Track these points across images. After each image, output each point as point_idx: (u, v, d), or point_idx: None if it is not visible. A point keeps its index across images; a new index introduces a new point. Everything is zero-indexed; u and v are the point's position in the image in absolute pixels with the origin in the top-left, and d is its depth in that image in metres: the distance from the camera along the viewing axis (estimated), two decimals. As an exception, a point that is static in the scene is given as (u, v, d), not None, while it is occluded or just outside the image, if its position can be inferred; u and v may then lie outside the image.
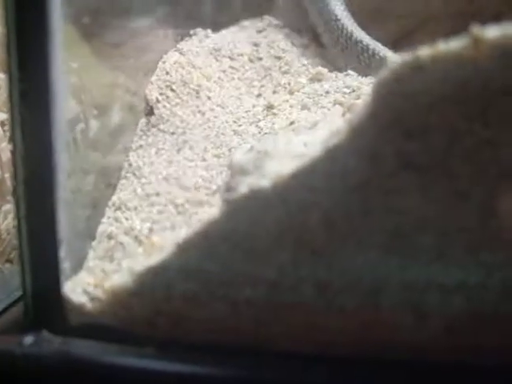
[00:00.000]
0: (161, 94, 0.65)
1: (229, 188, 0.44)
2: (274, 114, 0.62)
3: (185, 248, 0.43)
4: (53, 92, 0.45)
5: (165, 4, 0.79)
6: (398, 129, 0.40)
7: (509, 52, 0.39)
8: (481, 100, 0.40)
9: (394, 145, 0.40)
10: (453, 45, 0.40)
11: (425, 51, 0.40)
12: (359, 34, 0.70)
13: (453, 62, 0.40)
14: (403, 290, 0.42)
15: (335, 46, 0.74)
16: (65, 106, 0.48)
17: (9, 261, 0.62)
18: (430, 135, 0.40)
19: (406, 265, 0.42)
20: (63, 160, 0.47)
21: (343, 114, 0.55)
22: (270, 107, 0.64)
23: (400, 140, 0.40)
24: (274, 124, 0.60)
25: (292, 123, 0.58)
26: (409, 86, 0.40)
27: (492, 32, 0.39)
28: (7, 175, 0.62)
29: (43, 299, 0.47)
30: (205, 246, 0.43)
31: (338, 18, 0.73)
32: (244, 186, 0.42)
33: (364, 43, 0.68)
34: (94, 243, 0.52)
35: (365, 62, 0.68)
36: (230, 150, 0.60)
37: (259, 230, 0.42)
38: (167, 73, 0.68)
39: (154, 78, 0.67)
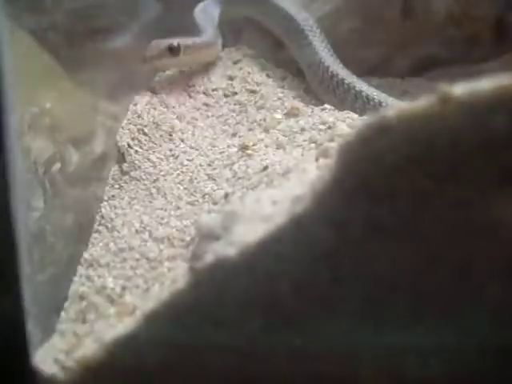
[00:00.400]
0: (132, 139, 0.64)
1: (195, 255, 0.43)
2: (249, 155, 0.61)
3: (153, 319, 0.42)
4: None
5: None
6: (364, 194, 0.39)
7: (478, 109, 0.38)
8: (450, 158, 0.39)
9: (361, 210, 0.39)
10: (418, 103, 0.39)
11: (390, 112, 0.39)
12: (336, 67, 0.69)
13: (420, 121, 0.39)
14: (378, 354, 0.41)
15: (314, 79, 0.73)
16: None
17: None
18: (399, 198, 0.39)
19: (380, 330, 0.41)
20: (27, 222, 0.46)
21: (316, 159, 0.53)
22: (244, 148, 0.62)
23: (367, 205, 0.39)
24: (248, 168, 0.58)
25: (265, 168, 0.56)
26: (375, 149, 0.39)
27: (459, 89, 0.38)
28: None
29: (11, 370, 0.45)
30: (172, 316, 0.42)
31: (317, 50, 0.71)
32: (210, 254, 0.41)
33: (340, 77, 0.67)
34: (66, 304, 0.51)
35: (340, 97, 0.66)
36: (203, 197, 0.58)
37: (227, 300, 0.41)
38: (139, 116, 0.66)
39: (124, 123, 0.66)
